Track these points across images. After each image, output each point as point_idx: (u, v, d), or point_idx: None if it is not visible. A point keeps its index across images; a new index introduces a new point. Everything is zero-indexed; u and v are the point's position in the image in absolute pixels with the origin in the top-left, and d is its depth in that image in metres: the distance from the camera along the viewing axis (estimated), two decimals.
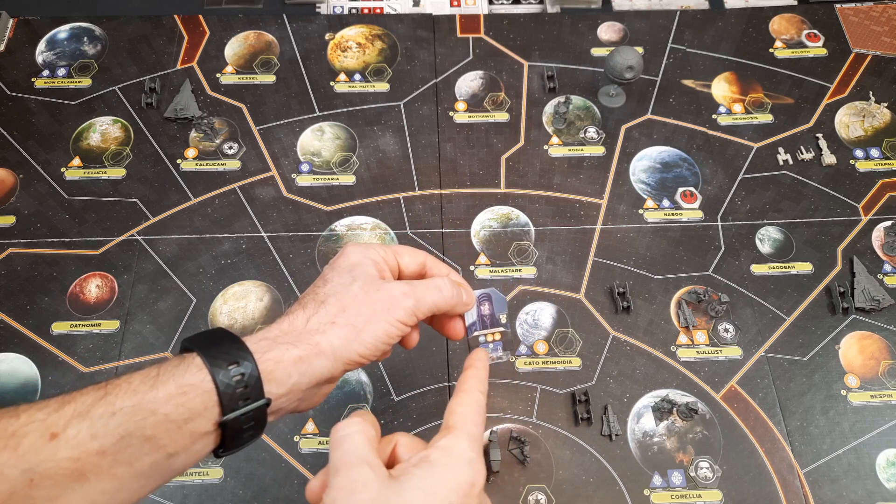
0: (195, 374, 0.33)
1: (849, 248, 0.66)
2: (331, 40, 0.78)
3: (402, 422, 0.58)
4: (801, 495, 0.55)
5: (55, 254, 0.65)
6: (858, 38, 0.80)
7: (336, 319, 0.37)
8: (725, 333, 0.62)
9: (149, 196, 0.68)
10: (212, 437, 0.34)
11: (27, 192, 0.68)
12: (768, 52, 0.78)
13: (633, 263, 0.66)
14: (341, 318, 0.37)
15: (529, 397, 0.59)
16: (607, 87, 0.75)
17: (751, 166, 0.71)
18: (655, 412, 0.59)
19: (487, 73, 0.77)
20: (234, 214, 0.67)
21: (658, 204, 0.69)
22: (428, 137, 0.72)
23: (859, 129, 0.74)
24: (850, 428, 0.58)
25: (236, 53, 0.77)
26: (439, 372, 0.60)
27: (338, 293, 0.38)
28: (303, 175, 0.70)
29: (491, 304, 0.44)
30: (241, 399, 0.33)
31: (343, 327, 0.37)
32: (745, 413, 0.59)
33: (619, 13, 0.82)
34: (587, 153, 0.72)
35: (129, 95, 0.74)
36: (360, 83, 0.75)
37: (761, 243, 0.67)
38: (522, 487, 0.55)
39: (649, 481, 0.56)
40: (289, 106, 0.74)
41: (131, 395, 0.31)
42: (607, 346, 0.62)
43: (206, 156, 0.70)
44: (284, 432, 0.57)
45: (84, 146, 0.71)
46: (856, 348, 0.62)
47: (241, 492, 0.55)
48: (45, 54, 0.76)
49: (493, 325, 0.44)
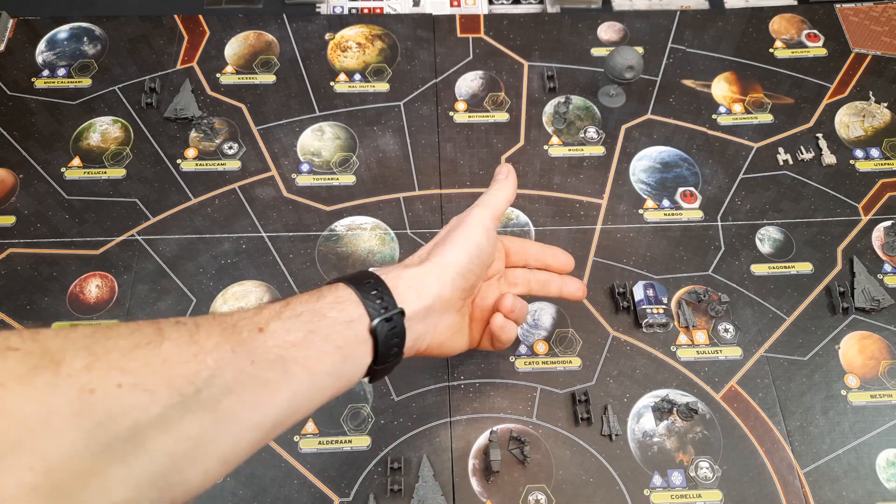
0: (343, 291, 0.40)
1: (849, 248, 0.66)
2: (331, 40, 0.78)
3: (402, 422, 0.58)
4: (801, 495, 0.55)
5: (55, 254, 0.65)
6: (858, 38, 0.80)
7: (433, 247, 0.47)
8: (725, 333, 0.62)
9: (149, 196, 0.68)
10: (368, 345, 0.40)
11: (27, 192, 0.68)
12: (768, 52, 0.79)
13: (633, 263, 0.66)
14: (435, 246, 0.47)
15: (529, 397, 0.59)
16: (607, 87, 0.75)
17: (751, 166, 0.71)
18: (655, 412, 0.59)
19: (487, 73, 0.77)
20: (234, 214, 0.67)
21: (658, 204, 0.69)
22: (428, 137, 0.72)
23: (859, 129, 0.74)
24: (850, 428, 0.58)
25: (236, 53, 0.77)
26: (439, 372, 0.60)
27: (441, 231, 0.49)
28: (303, 175, 0.70)
29: (655, 290, 0.63)
30: (382, 308, 0.40)
31: (439, 246, 0.46)
32: (745, 413, 0.59)
33: (619, 13, 0.82)
34: (587, 153, 0.72)
35: (129, 95, 0.74)
36: (360, 83, 0.75)
37: (761, 243, 0.67)
38: (522, 487, 0.55)
39: (649, 481, 0.56)
40: (289, 106, 0.74)
41: (305, 304, 0.38)
42: (607, 346, 0.62)
43: (206, 156, 0.70)
44: (284, 432, 0.57)
45: (84, 146, 0.71)
46: (856, 348, 0.62)
47: (241, 492, 0.55)
48: (45, 54, 0.76)
49: (657, 303, 0.62)
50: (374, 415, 0.58)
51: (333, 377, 0.38)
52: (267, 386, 0.34)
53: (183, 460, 0.30)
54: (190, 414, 0.30)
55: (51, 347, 0.28)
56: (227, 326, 0.34)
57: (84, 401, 0.27)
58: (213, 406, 0.31)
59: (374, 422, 0.58)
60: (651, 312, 0.62)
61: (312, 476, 0.56)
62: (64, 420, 0.27)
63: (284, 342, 0.35)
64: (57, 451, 0.26)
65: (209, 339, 0.32)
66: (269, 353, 0.34)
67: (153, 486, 0.29)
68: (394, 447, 0.57)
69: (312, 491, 0.55)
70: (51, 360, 0.28)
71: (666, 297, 0.63)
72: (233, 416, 0.32)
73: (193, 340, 0.32)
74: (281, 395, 0.35)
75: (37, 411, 0.26)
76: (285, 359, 0.35)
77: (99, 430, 0.27)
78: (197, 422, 0.30)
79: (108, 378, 0.28)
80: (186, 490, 0.31)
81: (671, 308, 0.63)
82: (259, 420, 0.34)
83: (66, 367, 0.28)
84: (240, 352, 0.33)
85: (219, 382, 0.31)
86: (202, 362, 0.31)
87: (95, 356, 0.29)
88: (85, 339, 0.29)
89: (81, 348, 0.29)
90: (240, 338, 0.34)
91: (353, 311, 0.39)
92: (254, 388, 0.33)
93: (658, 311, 0.62)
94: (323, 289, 0.40)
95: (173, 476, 0.30)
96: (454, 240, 0.46)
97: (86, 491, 0.27)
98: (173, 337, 0.31)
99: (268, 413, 0.34)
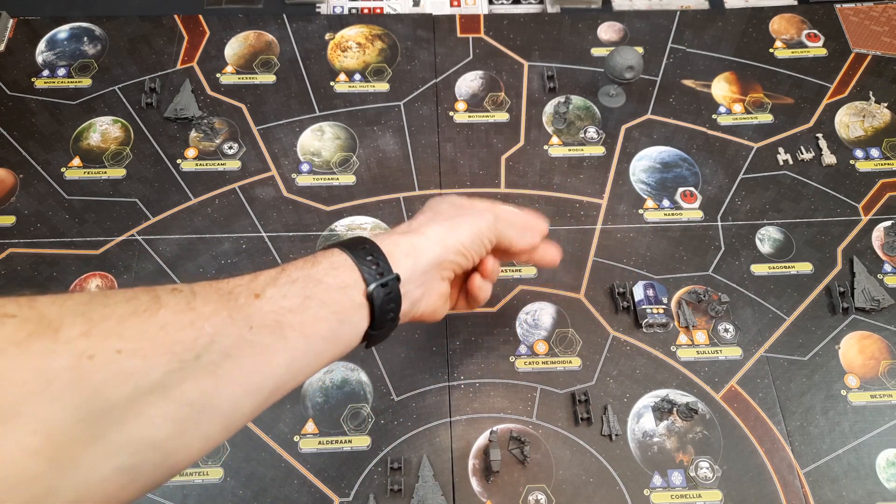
0: (339, 256, 0.40)
1: (849, 248, 0.66)
2: (331, 40, 0.78)
3: (402, 422, 0.58)
4: (801, 495, 0.55)
5: (55, 254, 0.65)
6: (858, 38, 0.80)
7: (434, 219, 0.46)
8: (725, 333, 0.62)
9: (149, 196, 0.68)
10: (364, 309, 0.40)
11: (27, 192, 0.68)
12: (768, 52, 0.79)
13: (633, 263, 0.66)
14: (438, 219, 0.46)
15: (529, 397, 0.59)
16: (607, 87, 0.75)
17: (751, 166, 0.71)
18: (655, 412, 0.59)
19: (487, 73, 0.77)
20: (234, 214, 0.67)
21: (658, 204, 0.69)
22: (428, 137, 0.72)
23: (859, 129, 0.74)
24: (850, 428, 0.58)
25: (236, 53, 0.77)
26: (439, 372, 0.60)
27: (431, 208, 0.48)
28: (303, 175, 0.70)
29: (655, 290, 0.63)
30: (378, 274, 0.40)
31: (441, 223, 0.45)
32: (745, 413, 0.59)
33: (619, 13, 0.82)
34: (587, 153, 0.72)
35: (129, 95, 0.74)
36: (360, 83, 0.75)
37: (761, 243, 0.67)
38: (522, 487, 0.55)
39: (649, 481, 0.56)
40: (289, 106, 0.74)
41: (301, 270, 0.38)
42: (607, 346, 0.62)
43: (206, 156, 0.70)
44: (284, 432, 0.57)
45: (84, 146, 0.71)
46: (856, 348, 0.62)
47: (241, 492, 0.55)
48: (45, 54, 0.76)
49: (657, 303, 0.62)
50: (374, 415, 0.58)
51: (330, 342, 0.38)
52: (266, 351, 0.34)
53: (184, 425, 0.30)
54: (190, 379, 0.30)
55: (48, 314, 0.28)
56: (223, 293, 0.34)
57: (83, 367, 0.27)
58: (213, 371, 0.31)
59: (374, 422, 0.58)
60: (651, 312, 0.62)
61: (312, 476, 0.56)
62: (63, 386, 0.27)
63: (281, 308, 0.35)
64: (58, 416, 0.26)
65: (206, 306, 0.33)
66: (267, 319, 0.34)
67: (155, 450, 0.30)
68: (394, 447, 0.57)
69: (312, 491, 0.55)
70: (48, 327, 0.28)
71: (666, 297, 0.63)
72: (233, 381, 0.32)
73: (190, 307, 0.32)
74: (279, 359, 0.35)
75: (36, 377, 0.26)
76: (282, 324, 0.35)
77: (99, 396, 0.28)
78: (197, 387, 0.31)
79: (107, 344, 0.28)
80: (188, 454, 0.31)
81: (671, 308, 0.63)
82: (258, 384, 0.34)
83: (63, 334, 0.28)
84: (237, 318, 0.33)
85: (217, 348, 0.32)
86: (200, 329, 0.31)
87: (92, 323, 0.29)
88: (81, 307, 0.29)
89: (78, 315, 0.29)
90: (236, 304, 0.34)
91: (349, 277, 0.39)
92: (253, 352, 0.33)
93: (658, 311, 0.62)
94: (318, 254, 0.40)
95: (175, 441, 0.30)
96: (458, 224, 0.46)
97: (87, 455, 0.27)
98: (170, 304, 0.32)
99: (267, 377, 0.34)
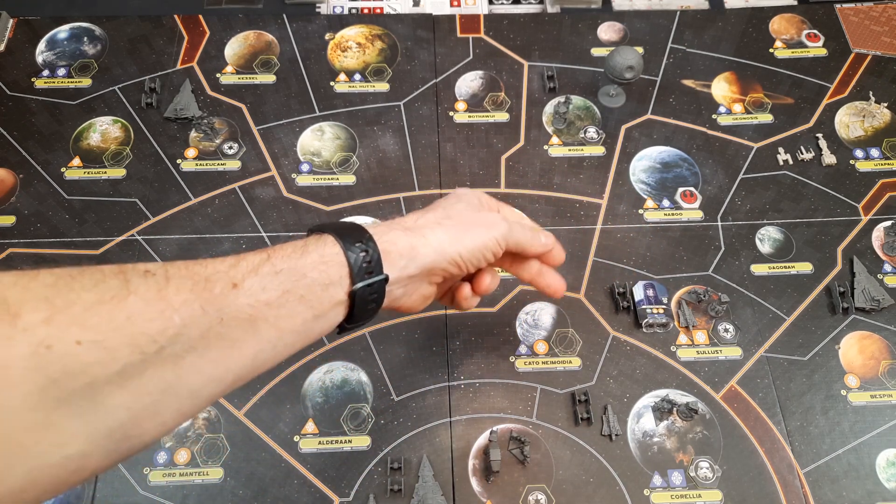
0: (332, 248, 0.39)
1: (849, 248, 0.66)
2: (331, 40, 0.78)
3: (402, 422, 0.58)
4: (801, 495, 0.55)
5: (55, 254, 0.65)
6: (858, 38, 0.80)
7: (442, 223, 0.44)
8: (725, 333, 0.62)
9: (149, 196, 0.68)
10: (343, 306, 0.39)
11: (27, 192, 0.68)
12: (768, 52, 0.79)
13: (633, 263, 0.66)
14: (446, 223, 0.44)
15: (529, 397, 0.59)
16: (607, 87, 0.75)
17: (751, 166, 0.71)
18: (655, 412, 0.59)
19: (487, 73, 0.77)
20: (234, 214, 0.67)
21: (658, 204, 0.69)
22: (428, 137, 0.72)
23: (859, 129, 0.74)
24: (850, 428, 0.58)
25: (236, 53, 0.77)
26: (439, 372, 0.60)
27: (444, 206, 0.46)
28: (303, 175, 0.70)
29: (655, 290, 0.63)
30: (366, 273, 0.39)
31: (448, 229, 0.44)
32: (745, 413, 0.59)
33: (619, 13, 0.82)
34: (587, 153, 0.72)
35: (129, 95, 0.74)
36: (360, 83, 0.75)
37: (761, 243, 0.67)
38: (522, 487, 0.55)
39: (649, 481, 0.56)
40: (289, 106, 0.74)
41: (287, 259, 0.37)
42: (607, 346, 0.62)
43: (206, 156, 0.70)
44: (284, 432, 0.57)
45: (84, 146, 0.71)
46: (856, 348, 0.62)
47: (241, 492, 0.55)
48: (45, 54, 0.76)
49: (657, 303, 0.62)
50: (374, 415, 0.58)
51: (301, 334, 0.37)
52: (233, 344, 0.33)
53: (141, 414, 0.30)
54: (151, 370, 0.30)
55: (8, 298, 0.28)
56: (198, 280, 0.33)
57: (40, 356, 0.27)
58: (175, 362, 0.31)
59: (374, 422, 0.58)
60: (651, 312, 0.62)
61: (312, 476, 0.56)
62: (18, 374, 0.27)
63: (258, 301, 0.34)
64: (9, 404, 0.26)
65: (178, 295, 0.31)
66: (241, 313, 0.34)
67: (109, 438, 0.29)
68: (394, 447, 0.57)
69: (312, 491, 0.55)
70: (7, 312, 0.27)
71: (666, 297, 0.63)
72: (195, 372, 0.32)
73: (161, 296, 0.31)
74: (246, 352, 0.34)
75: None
76: (255, 318, 0.34)
77: (54, 387, 0.27)
78: (157, 378, 0.30)
79: (68, 334, 0.28)
80: (142, 441, 0.31)
81: (671, 308, 0.63)
82: (221, 375, 0.33)
83: (23, 320, 0.27)
84: (209, 310, 0.32)
85: (183, 340, 0.31)
86: (168, 319, 0.31)
87: (55, 309, 0.28)
88: (46, 290, 0.29)
89: (41, 300, 0.28)
90: (211, 294, 0.33)
91: (336, 273, 0.38)
92: (219, 346, 0.33)
93: (658, 311, 0.62)
94: (309, 242, 0.39)
95: (130, 429, 0.30)
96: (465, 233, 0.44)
97: (39, 444, 0.27)
98: (140, 291, 0.30)
99: (230, 368, 0.34)
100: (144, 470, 0.56)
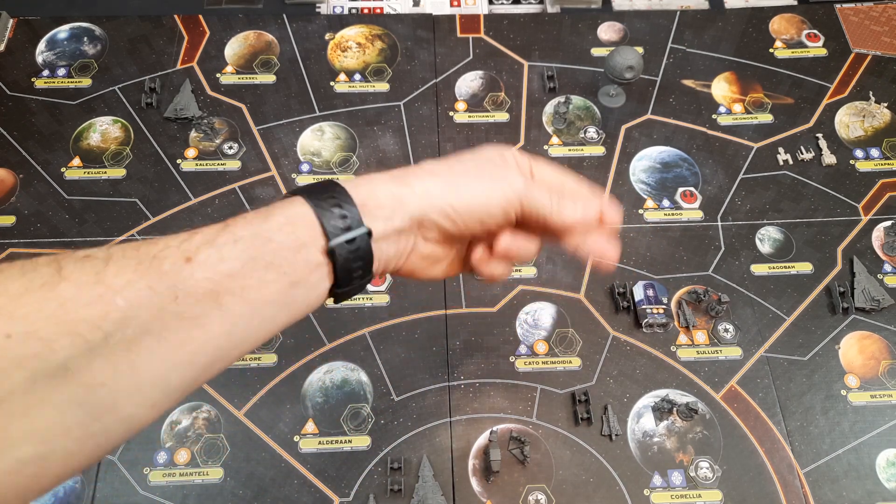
0: (299, 208, 0.35)
1: (849, 248, 0.66)
2: (331, 40, 0.78)
3: (402, 422, 0.58)
4: (801, 495, 0.55)
5: (55, 254, 0.64)
6: (858, 38, 0.80)
7: (437, 172, 0.38)
8: (725, 333, 0.62)
9: (149, 196, 0.68)
10: (325, 269, 0.35)
11: (27, 192, 0.68)
12: (768, 52, 0.78)
13: (633, 263, 0.66)
14: (443, 172, 0.38)
15: (529, 397, 0.59)
16: (607, 87, 0.75)
17: (751, 166, 0.71)
18: (655, 412, 0.59)
19: (487, 73, 0.77)
20: (234, 214, 0.67)
21: (658, 204, 0.69)
22: (428, 137, 0.72)
23: (859, 129, 0.74)
24: (850, 428, 0.58)
25: (236, 53, 0.77)
26: (439, 372, 0.60)
27: (454, 157, 0.40)
28: (303, 175, 0.70)
29: (655, 290, 0.63)
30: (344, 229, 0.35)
31: (441, 178, 0.38)
32: (745, 413, 0.59)
33: (619, 13, 0.82)
34: (587, 153, 0.72)
35: (129, 95, 0.74)
36: (360, 83, 0.75)
37: (761, 243, 0.67)
38: (522, 487, 0.55)
39: (649, 481, 0.56)
40: (289, 106, 0.74)
41: (248, 226, 0.34)
42: (607, 346, 0.62)
43: (206, 156, 0.70)
44: (284, 432, 0.57)
45: (84, 146, 0.71)
46: (856, 348, 0.62)
47: (241, 492, 0.55)
48: (45, 54, 0.76)
49: (657, 303, 0.62)
50: (374, 415, 0.58)
51: (280, 305, 0.34)
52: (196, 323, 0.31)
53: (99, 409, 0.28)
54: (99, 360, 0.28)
55: None
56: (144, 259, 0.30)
57: None
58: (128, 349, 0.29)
59: (374, 422, 0.58)
60: (651, 312, 0.62)
61: (312, 476, 0.56)
62: None
63: (217, 273, 0.31)
64: None
65: (118, 277, 0.29)
66: (198, 288, 0.31)
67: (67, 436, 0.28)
68: (394, 447, 0.57)
69: (312, 491, 0.55)
70: None
71: (666, 297, 0.63)
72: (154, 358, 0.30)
73: (99, 280, 0.29)
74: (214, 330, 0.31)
75: None
76: (217, 292, 0.31)
77: None
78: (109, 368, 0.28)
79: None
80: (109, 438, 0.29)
81: (671, 308, 0.63)
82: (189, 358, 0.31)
83: None
84: (159, 288, 0.30)
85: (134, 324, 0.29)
86: (109, 303, 0.28)
87: None
88: None
89: None
90: (160, 272, 0.30)
91: (305, 234, 0.34)
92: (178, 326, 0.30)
93: (658, 311, 0.62)
94: (275, 205, 0.36)
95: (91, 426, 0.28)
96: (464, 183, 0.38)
97: None
98: (73, 276, 0.29)
99: (199, 350, 0.31)
100: (144, 470, 0.56)
